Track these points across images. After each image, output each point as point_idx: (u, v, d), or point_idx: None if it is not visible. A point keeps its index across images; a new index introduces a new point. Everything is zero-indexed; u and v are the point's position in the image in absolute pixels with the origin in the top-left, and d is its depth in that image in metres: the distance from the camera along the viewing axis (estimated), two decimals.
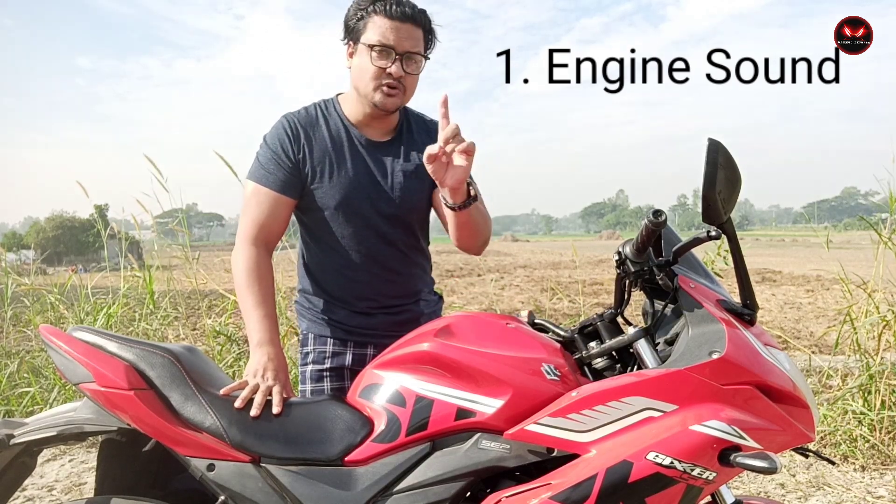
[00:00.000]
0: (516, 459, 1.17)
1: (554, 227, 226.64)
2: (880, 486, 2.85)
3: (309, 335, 1.72)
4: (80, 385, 1.25)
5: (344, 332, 1.68)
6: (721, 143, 1.10)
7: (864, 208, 59.04)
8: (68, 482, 3.07)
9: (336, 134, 1.63)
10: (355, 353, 1.68)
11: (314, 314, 1.71)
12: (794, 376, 1.18)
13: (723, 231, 1.15)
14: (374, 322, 1.67)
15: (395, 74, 1.52)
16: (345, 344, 1.68)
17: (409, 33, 1.52)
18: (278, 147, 1.59)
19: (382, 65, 1.51)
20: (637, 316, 1.50)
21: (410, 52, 1.52)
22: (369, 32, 1.51)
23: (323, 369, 1.68)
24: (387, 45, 1.50)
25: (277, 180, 1.58)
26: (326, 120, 1.64)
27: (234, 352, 3.83)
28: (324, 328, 1.70)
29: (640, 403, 1.11)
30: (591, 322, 1.34)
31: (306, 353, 1.72)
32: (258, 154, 1.63)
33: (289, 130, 1.60)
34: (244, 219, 1.60)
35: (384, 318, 1.67)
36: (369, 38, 1.51)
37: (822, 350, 5.02)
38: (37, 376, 3.92)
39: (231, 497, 1.20)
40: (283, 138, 1.60)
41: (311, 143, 1.60)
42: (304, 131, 1.61)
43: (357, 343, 1.68)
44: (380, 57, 1.51)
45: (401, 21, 1.50)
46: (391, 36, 1.50)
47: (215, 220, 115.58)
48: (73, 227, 44.14)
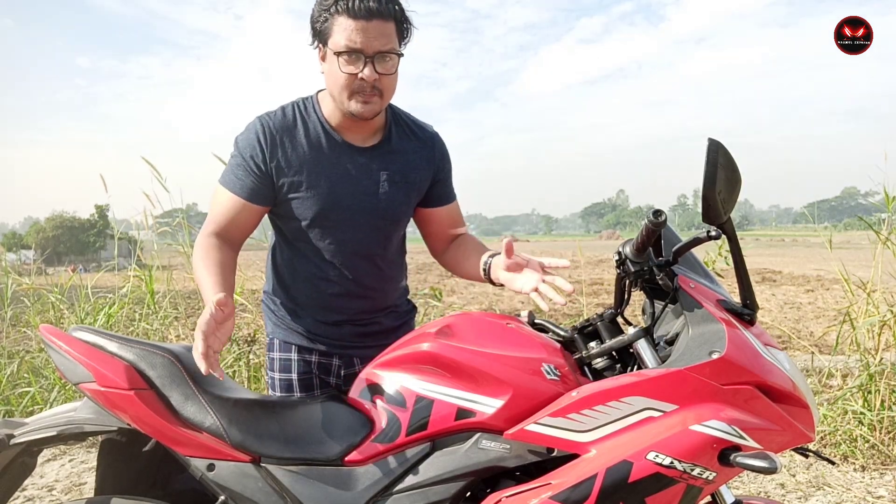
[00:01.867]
0: (516, 459, 1.17)
1: (554, 227, 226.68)
2: (880, 486, 2.84)
3: (274, 340, 1.64)
4: (80, 385, 1.25)
5: (308, 340, 1.60)
6: (721, 143, 1.10)
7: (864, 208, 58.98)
8: (68, 482, 3.07)
9: (315, 139, 1.50)
10: (320, 361, 1.61)
11: (279, 318, 1.63)
12: (794, 376, 1.18)
13: (723, 231, 1.15)
14: (341, 333, 1.60)
15: (368, 79, 1.39)
16: (310, 352, 1.61)
17: (378, 31, 1.37)
18: (248, 154, 1.47)
19: (352, 70, 1.38)
20: (637, 316, 1.50)
21: (382, 51, 1.38)
22: (335, 35, 1.38)
23: (290, 379, 1.61)
24: (354, 48, 1.36)
25: (245, 187, 1.47)
26: (305, 123, 1.51)
27: (234, 352, 3.83)
28: (288, 334, 1.62)
29: (640, 403, 1.11)
30: (591, 322, 1.34)
31: (272, 358, 1.65)
32: (230, 158, 1.52)
33: (262, 137, 1.47)
34: (209, 219, 1.51)
35: (351, 329, 1.60)
36: (336, 43, 1.37)
37: (822, 350, 5.02)
38: (37, 376, 3.92)
39: (231, 497, 1.21)
40: (255, 145, 1.47)
41: (286, 150, 1.47)
42: (280, 138, 1.47)
43: (322, 352, 1.60)
44: (348, 62, 1.38)
45: (366, 19, 1.35)
46: (358, 38, 1.36)
47: None
48: (73, 227, 44.15)
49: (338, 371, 1.62)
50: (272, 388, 1.65)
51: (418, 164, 1.58)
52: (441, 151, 1.64)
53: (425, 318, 4.27)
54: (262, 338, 3.70)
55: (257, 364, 3.78)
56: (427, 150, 1.61)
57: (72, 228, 44.08)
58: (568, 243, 51.59)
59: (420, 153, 1.59)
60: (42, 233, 43.36)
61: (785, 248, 31.06)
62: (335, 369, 1.62)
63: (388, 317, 1.65)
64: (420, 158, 1.59)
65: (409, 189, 1.57)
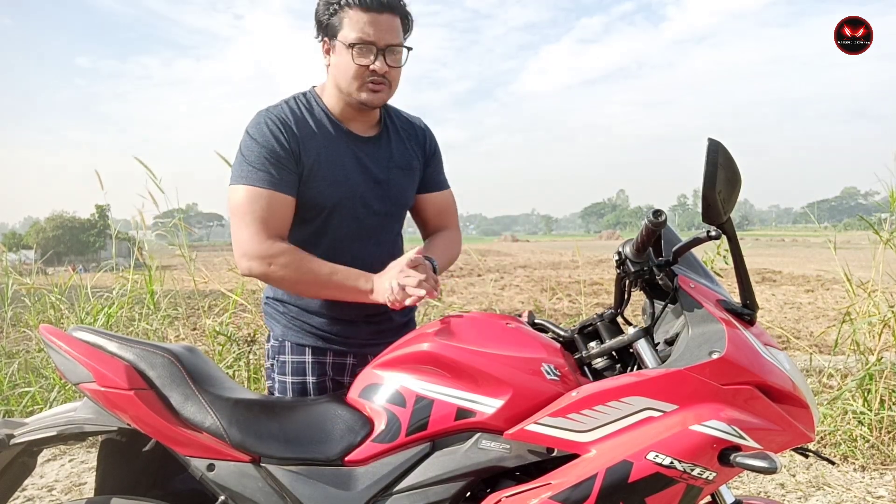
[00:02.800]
0: (516, 459, 1.17)
1: (554, 227, 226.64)
2: (880, 486, 2.84)
3: (285, 343, 1.58)
4: (80, 385, 1.25)
5: (323, 341, 1.56)
6: (721, 143, 1.10)
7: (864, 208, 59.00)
8: (68, 482, 3.07)
9: (324, 128, 1.50)
10: (335, 361, 1.58)
11: (289, 320, 1.58)
12: (793, 376, 1.18)
13: (723, 231, 1.15)
14: (356, 331, 1.57)
15: (379, 71, 1.42)
16: (324, 353, 1.57)
17: (388, 24, 1.41)
18: (271, 141, 1.42)
19: (365, 62, 1.41)
20: (637, 316, 1.50)
21: (392, 44, 1.42)
22: (346, 28, 1.40)
23: (305, 381, 1.56)
24: (367, 41, 1.39)
25: (276, 180, 1.41)
26: (311, 113, 1.50)
27: (234, 352, 3.82)
28: (301, 336, 1.56)
29: (640, 403, 1.11)
30: (591, 322, 1.34)
31: (283, 362, 1.57)
32: (244, 155, 1.44)
33: (278, 122, 1.44)
34: (244, 231, 1.40)
35: (366, 328, 1.58)
36: (347, 36, 1.40)
37: (822, 350, 5.02)
38: (37, 376, 3.92)
39: (231, 497, 1.21)
40: (275, 130, 1.43)
41: (303, 136, 1.46)
42: (294, 126, 1.46)
43: (336, 352, 1.57)
44: (361, 54, 1.41)
45: (378, 12, 1.39)
46: (370, 30, 1.39)
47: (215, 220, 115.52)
48: (73, 228, 44.17)
49: (352, 370, 1.59)
50: (282, 393, 1.58)
51: (415, 150, 1.65)
52: (431, 139, 1.71)
53: (425, 318, 4.27)
54: (263, 338, 3.70)
55: (257, 364, 3.78)
56: (420, 138, 1.67)
57: (72, 228, 44.10)
58: (568, 243, 51.59)
59: (414, 141, 1.66)
60: (42, 233, 43.37)
61: (785, 248, 31.08)
62: (350, 368, 1.59)
63: (398, 312, 1.63)
64: (415, 146, 1.65)
65: (412, 175, 1.62)
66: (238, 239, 1.42)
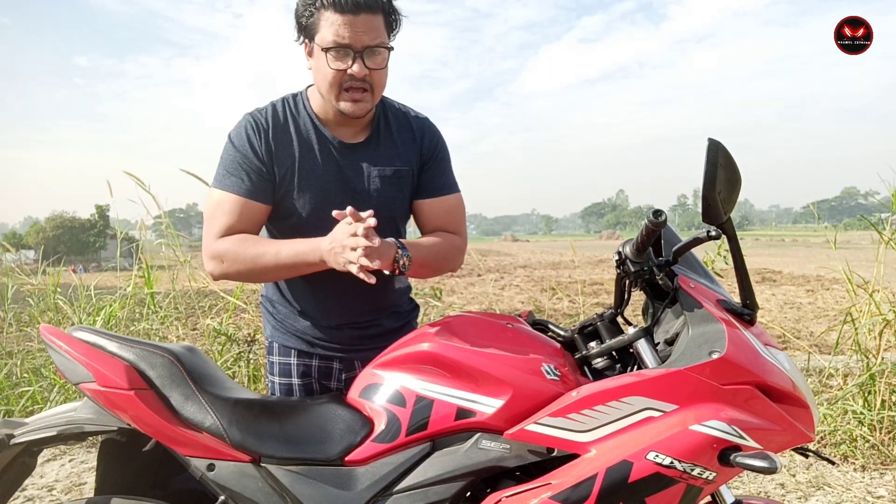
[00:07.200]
0: (516, 459, 1.17)
1: (554, 227, 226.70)
2: (880, 486, 2.84)
3: (273, 344, 1.62)
4: (80, 385, 1.25)
5: (308, 345, 1.57)
6: (721, 143, 1.10)
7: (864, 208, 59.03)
8: (68, 482, 3.07)
9: (306, 137, 1.47)
10: (321, 365, 1.58)
11: (277, 322, 1.60)
12: (794, 376, 1.18)
13: (723, 231, 1.15)
14: (341, 336, 1.56)
15: (357, 75, 1.36)
16: (310, 357, 1.58)
17: (366, 25, 1.33)
18: (247, 147, 1.42)
19: (341, 66, 1.35)
20: (637, 316, 1.50)
21: (370, 45, 1.35)
22: (322, 31, 1.34)
23: (291, 383, 1.58)
24: (342, 44, 1.33)
25: (247, 186, 1.41)
26: (295, 120, 1.48)
27: (234, 352, 3.83)
28: (287, 338, 1.59)
29: (640, 403, 1.11)
30: (591, 322, 1.34)
31: (272, 362, 1.62)
32: (222, 158, 1.45)
33: (257, 128, 1.44)
34: (212, 229, 1.41)
35: (351, 333, 1.56)
36: (323, 39, 1.34)
37: (822, 350, 5.02)
38: (37, 376, 3.92)
39: (231, 497, 1.21)
40: (252, 136, 1.43)
41: (278, 145, 1.45)
42: (273, 131, 1.45)
43: (322, 357, 1.58)
44: (337, 58, 1.35)
45: (354, 13, 1.31)
46: (346, 33, 1.32)
47: None
48: (73, 228, 44.19)
49: (338, 375, 1.60)
50: (272, 392, 1.63)
51: (408, 155, 1.54)
52: (431, 138, 1.58)
53: (425, 318, 4.27)
54: (262, 338, 3.70)
55: (257, 364, 3.78)
56: (417, 141, 1.56)
57: (72, 228, 44.14)
58: (568, 243, 51.72)
59: (409, 144, 1.55)
60: (42, 233, 43.40)
61: (785, 248, 31.08)
62: (336, 373, 1.60)
63: (390, 318, 1.61)
64: (409, 149, 1.55)
65: (401, 183, 1.52)
66: (203, 242, 1.44)
